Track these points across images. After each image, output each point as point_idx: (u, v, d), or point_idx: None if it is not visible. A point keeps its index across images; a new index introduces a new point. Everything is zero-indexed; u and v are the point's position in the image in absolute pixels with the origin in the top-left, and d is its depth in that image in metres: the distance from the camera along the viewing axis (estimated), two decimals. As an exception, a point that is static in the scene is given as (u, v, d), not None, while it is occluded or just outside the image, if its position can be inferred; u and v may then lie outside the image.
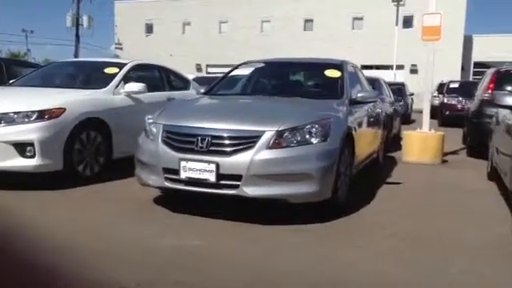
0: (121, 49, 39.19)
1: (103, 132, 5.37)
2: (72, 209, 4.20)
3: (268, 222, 3.79)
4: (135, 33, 38.35)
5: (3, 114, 4.66)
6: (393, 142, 9.00)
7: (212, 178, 3.62)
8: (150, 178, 3.98)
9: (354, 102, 4.79)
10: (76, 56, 32.72)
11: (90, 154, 5.18)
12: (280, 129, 3.67)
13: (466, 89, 16.79)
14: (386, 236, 3.63)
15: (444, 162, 7.56)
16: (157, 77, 6.84)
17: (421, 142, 7.44)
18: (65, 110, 4.85)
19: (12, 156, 4.59)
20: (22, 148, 4.60)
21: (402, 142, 8.11)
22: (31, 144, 4.60)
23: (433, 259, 3.16)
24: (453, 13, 27.24)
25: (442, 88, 21.10)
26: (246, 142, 3.63)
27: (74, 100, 5.06)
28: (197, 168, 3.66)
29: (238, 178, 3.59)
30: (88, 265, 2.92)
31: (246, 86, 5.41)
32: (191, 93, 7.30)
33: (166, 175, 3.83)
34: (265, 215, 3.97)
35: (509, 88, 7.99)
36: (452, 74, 28.67)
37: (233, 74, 5.55)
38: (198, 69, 35.95)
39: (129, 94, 5.84)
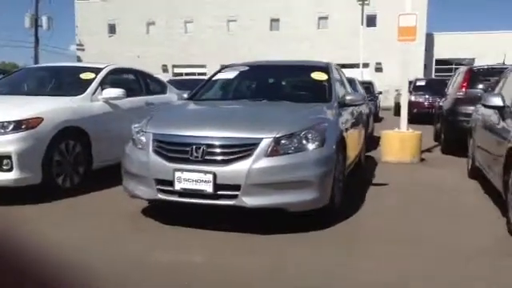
0: (82, 50, 38.12)
1: (82, 141, 5.12)
2: (56, 224, 3.97)
3: (265, 231, 3.69)
4: (97, 33, 37.38)
5: (-25, 125, 4.36)
6: (368, 141, 9.07)
7: (209, 188, 3.48)
8: (141, 189, 3.80)
9: (342, 105, 4.76)
10: (36, 58, 31.63)
11: (69, 164, 4.93)
12: (277, 135, 3.58)
13: (433, 86, 17.23)
14: (387, 241, 3.60)
15: (422, 160, 7.67)
16: (134, 81, 6.61)
17: (399, 141, 7.51)
18: (42, 119, 4.59)
19: (-13, 170, 4.31)
20: (-2, 161, 4.32)
21: (380, 142, 8.18)
22: (8, 157, 4.33)
23: (440, 265, 3.14)
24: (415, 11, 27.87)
25: (408, 86, 21.60)
26: (243, 150, 3.52)
27: (52, 109, 4.80)
28: (192, 178, 3.51)
29: (237, 187, 3.47)
30: (75, 282, 2.76)
31: (232, 91, 5.28)
32: (168, 97, 7.11)
33: (158, 187, 3.66)
34: (260, 223, 3.86)
35: (481, 86, 8.19)
36: (415, 71, 29.36)
37: (216, 78, 5.40)
38: (164, 69, 35.40)
39: (107, 101, 5.61)
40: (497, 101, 4.45)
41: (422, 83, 17.95)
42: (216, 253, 3.31)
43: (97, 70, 5.85)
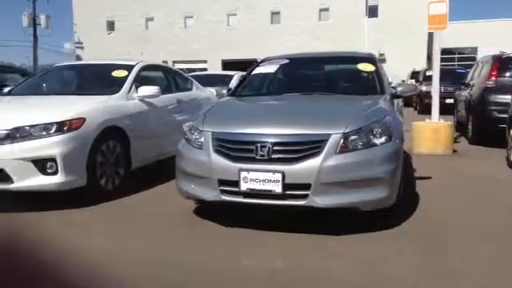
0: (81, 48, 37.74)
1: (122, 141, 4.94)
2: (110, 231, 3.76)
3: (334, 232, 3.52)
4: (96, 31, 36.98)
5: (16, 128, 4.16)
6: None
7: (278, 188, 3.31)
8: (201, 191, 3.62)
9: (394, 97, 4.60)
10: (35, 57, 31.30)
11: (110, 166, 4.75)
12: (346, 131, 3.41)
13: (444, 76, 17.02)
14: (463, 239, 3.45)
15: (454, 151, 7.52)
16: (163, 78, 6.42)
17: (433, 132, 7.36)
18: (85, 119, 4.41)
19: (32, 174, 4.12)
20: (42, 165, 4.13)
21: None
22: (53, 159, 4.14)
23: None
24: (417, 2, 27.77)
25: (415, 76, 21.49)
26: (312, 147, 3.34)
27: (93, 108, 4.61)
28: (260, 178, 3.34)
29: (307, 187, 3.31)
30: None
31: (278, 85, 5.07)
32: (196, 93, 6.95)
33: (222, 187, 3.48)
34: (319, 223, 3.69)
35: (509, 74, 8.05)
36: (419, 61, 29.32)
37: (255, 72, 5.19)
38: (165, 66, 35.06)
39: (142, 99, 5.42)
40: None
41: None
42: (296, 256, 3.14)
43: (128, 68, 5.66)
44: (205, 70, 30.82)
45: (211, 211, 4.01)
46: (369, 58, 5.00)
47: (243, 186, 3.38)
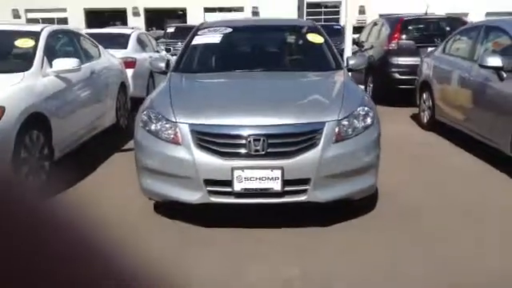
0: None
1: (44, 129, 4.10)
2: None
3: (319, 223, 3.34)
4: None
5: None
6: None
7: (277, 186, 3.02)
8: (180, 192, 3.15)
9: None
10: None
11: (35, 161, 3.93)
12: (340, 117, 3.20)
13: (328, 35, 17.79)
14: (440, 211, 3.62)
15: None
16: (73, 45, 5.44)
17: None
18: (4, 108, 3.51)
19: None
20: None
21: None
22: (-28, 163, 3.25)
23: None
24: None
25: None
26: (309, 138, 3.09)
27: (12, 93, 3.70)
28: (256, 176, 3.00)
29: (306, 181, 3.07)
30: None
31: (232, 59, 4.49)
32: (105, 61, 6.09)
33: (210, 188, 3.06)
34: (292, 216, 3.48)
35: (408, 36, 8.53)
36: (290, 13, 29.94)
37: (196, 42, 4.59)
38: (16, 15, 30.67)
39: (58, 74, 4.53)
40: (495, 61, 4.55)
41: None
42: (306, 258, 2.92)
43: (34, 35, 4.64)
44: (65, 20, 27.66)
45: (176, 209, 3.52)
46: (315, 28, 4.76)
47: (237, 186, 3.01)
